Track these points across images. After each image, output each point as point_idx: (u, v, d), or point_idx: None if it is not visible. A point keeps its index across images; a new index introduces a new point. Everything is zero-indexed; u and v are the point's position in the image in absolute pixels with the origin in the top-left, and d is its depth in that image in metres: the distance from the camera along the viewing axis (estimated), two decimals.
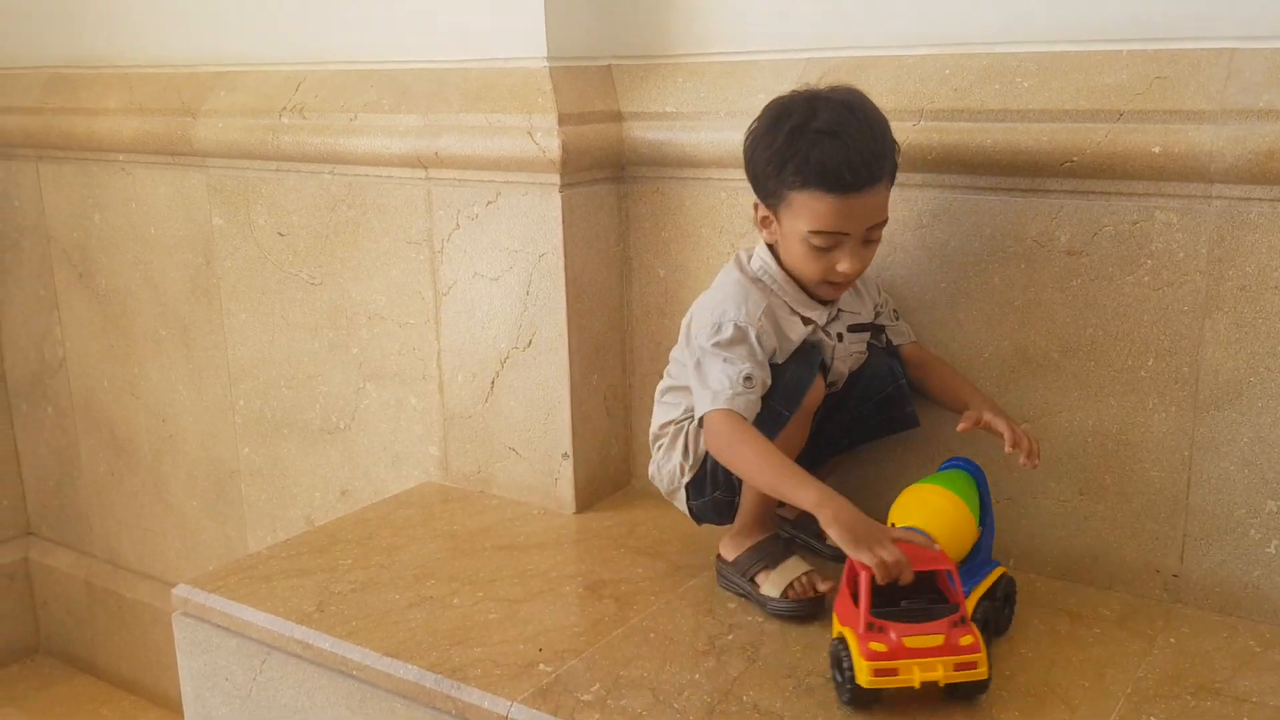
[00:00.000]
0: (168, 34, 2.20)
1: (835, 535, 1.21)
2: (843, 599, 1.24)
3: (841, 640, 1.21)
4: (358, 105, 1.89)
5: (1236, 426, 1.36)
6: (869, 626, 1.17)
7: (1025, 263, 1.46)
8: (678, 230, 1.74)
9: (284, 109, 1.97)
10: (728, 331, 1.37)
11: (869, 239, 1.37)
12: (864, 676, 1.15)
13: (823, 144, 1.30)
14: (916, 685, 1.15)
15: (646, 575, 1.56)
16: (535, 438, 1.79)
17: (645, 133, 1.72)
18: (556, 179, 1.66)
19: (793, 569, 1.43)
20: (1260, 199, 1.30)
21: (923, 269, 1.54)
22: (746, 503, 1.46)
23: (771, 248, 1.44)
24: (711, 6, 1.70)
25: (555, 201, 1.67)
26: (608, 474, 1.84)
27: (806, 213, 1.33)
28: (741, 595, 1.46)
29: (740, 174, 1.63)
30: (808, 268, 1.38)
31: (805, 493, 1.26)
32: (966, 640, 1.16)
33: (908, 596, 1.20)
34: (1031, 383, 1.49)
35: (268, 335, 2.11)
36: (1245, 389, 1.35)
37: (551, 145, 1.64)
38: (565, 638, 1.39)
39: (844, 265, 1.36)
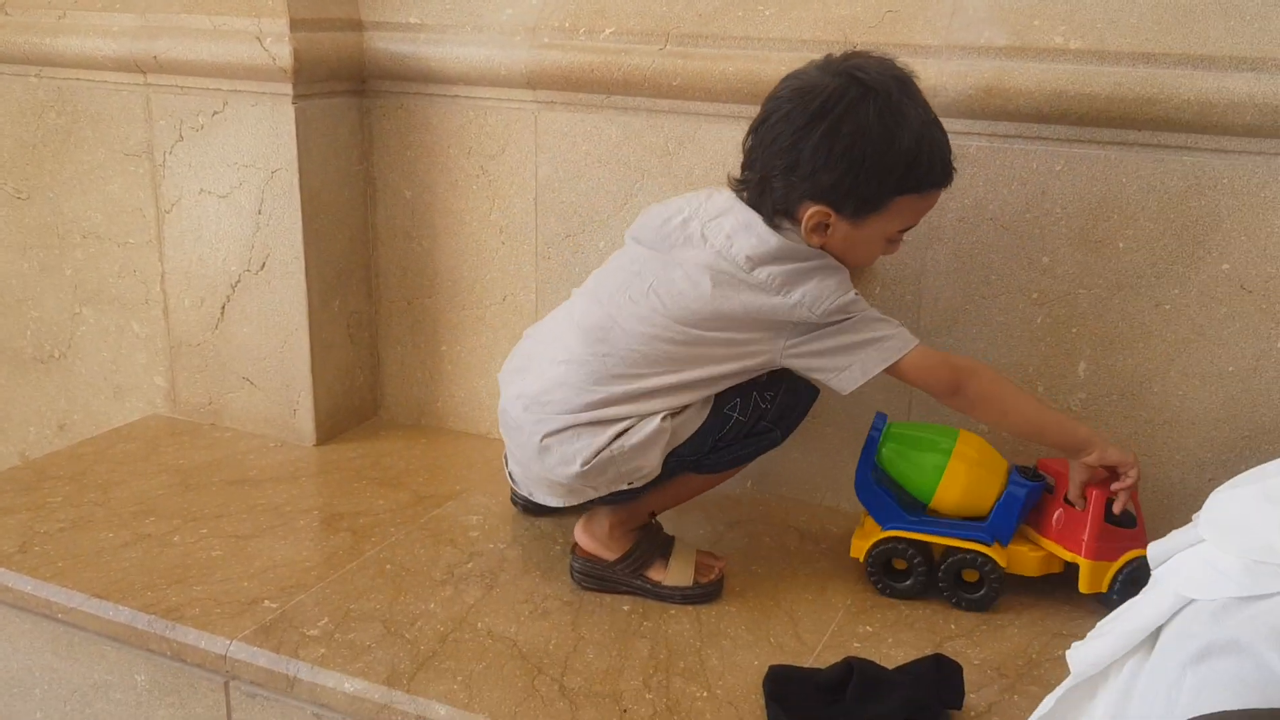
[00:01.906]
0: None
1: (1118, 455, 1.24)
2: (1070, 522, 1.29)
3: None
4: (67, 1, 1.70)
5: (954, 352, 1.44)
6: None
7: None
8: (424, 149, 1.67)
9: None
10: (857, 297, 1.23)
11: None
12: None
13: (938, 140, 1.20)
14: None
15: (388, 507, 1.51)
16: (271, 366, 1.69)
17: (388, 44, 1.63)
18: (289, 89, 1.56)
19: (688, 552, 1.32)
20: (979, 134, 1.36)
21: (669, 195, 1.53)
22: (668, 500, 1.34)
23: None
24: None
25: (288, 113, 1.57)
26: (352, 405, 1.77)
27: (908, 213, 1.23)
28: (632, 593, 1.30)
29: (490, 91, 1.59)
30: (867, 261, 1.30)
31: (1077, 427, 1.26)
32: None
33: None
34: None
35: None
36: (961, 316, 1.43)
37: (282, 52, 1.53)
38: (295, 573, 1.33)
39: (895, 250, 1.29)
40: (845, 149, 1.17)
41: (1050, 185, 1.34)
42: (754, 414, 1.28)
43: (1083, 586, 1.25)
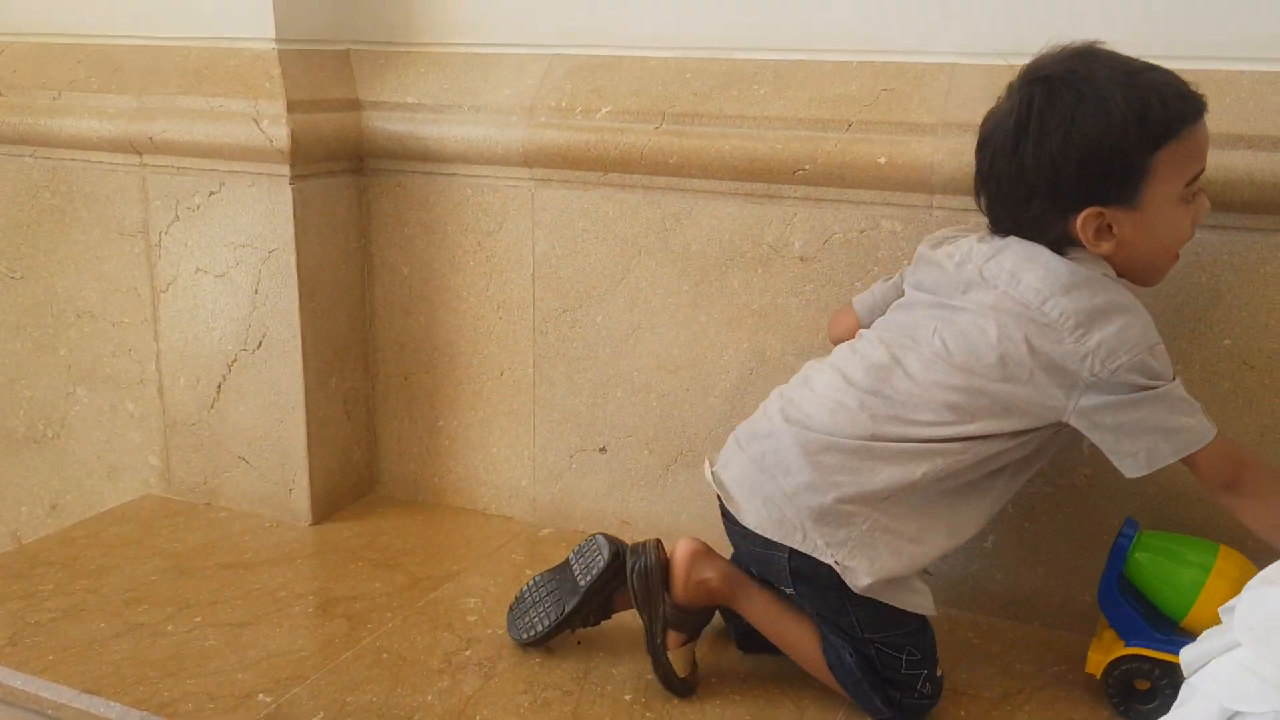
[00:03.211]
0: None
1: None
2: None
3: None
4: (62, 82, 1.71)
5: None
6: None
7: (762, 267, 1.48)
8: (422, 227, 1.67)
9: None
10: (1161, 354, 1.11)
11: None
12: None
13: (1155, 80, 1.09)
14: None
15: (384, 590, 1.48)
16: (267, 445, 1.68)
17: (386, 124, 1.64)
18: (286, 170, 1.56)
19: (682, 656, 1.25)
20: (975, 210, 1.36)
21: (666, 271, 1.53)
22: (767, 628, 1.25)
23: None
24: None
25: (285, 194, 1.57)
26: (349, 481, 1.75)
27: (1179, 162, 1.10)
28: (644, 627, 1.25)
29: (488, 170, 1.59)
30: (1177, 238, 1.15)
31: None
32: None
33: None
34: (768, 383, 1.50)
35: None
36: None
37: (279, 134, 1.53)
38: (290, 663, 1.30)
39: (1204, 208, 1.14)
40: (1063, 143, 1.09)
41: None
42: (907, 677, 1.17)
43: None
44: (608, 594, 1.30)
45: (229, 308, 1.65)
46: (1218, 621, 1.16)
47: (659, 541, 1.28)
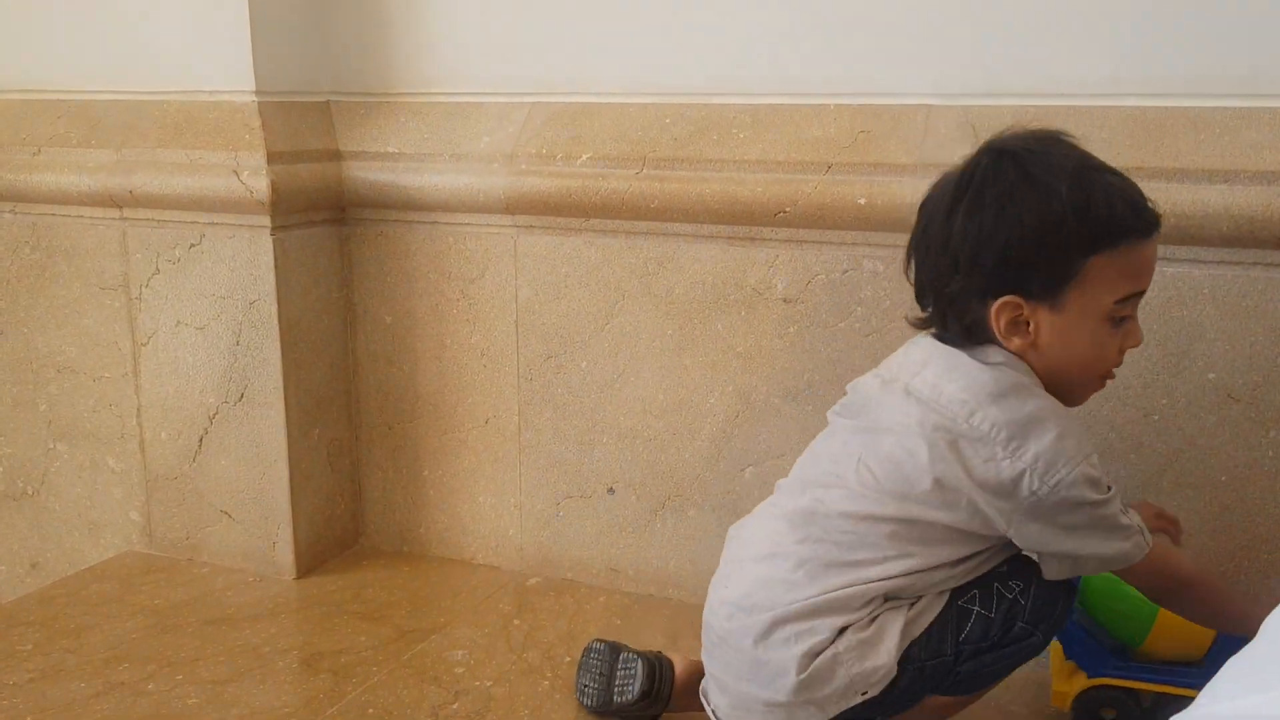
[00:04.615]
0: None
1: None
2: None
3: None
4: (42, 138, 1.71)
5: None
6: None
7: (746, 309, 1.48)
8: (404, 275, 1.66)
9: None
10: (1096, 463, 1.03)
11: None
12: None
13: (1109, 183, 1.01)
14: None
15: (370, 644, 1.46)
16: (250, 499, 1.66)
17: (367, 173, 1.64)
18: (267, 221, 1.55)
19: None
20: None
21: (650, 316, 1.53)
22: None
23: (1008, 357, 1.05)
24: (435, 45, 1.64)
25: (266, 245, 1.56)
26: (333, 534, 1.73)
27: (1113, 275, 1.00)
28: None
29: (469, 217, 1.59)
30: (1099, 358, 1.05)
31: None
32: None
33: None
34: (754, 427, 1.50)
35: None
36: None
37: (260, 185, 1.53)
38: None
39: (1135, 338, 1.06)
40: (994, 219, 1.00)
41: None
42: (1002, 610, 1.05)
43: None
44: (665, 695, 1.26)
45: (210, 360, 1.64)
46: (1176, 646, 1.16)
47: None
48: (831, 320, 1.44)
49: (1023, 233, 0.99)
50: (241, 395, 1.63)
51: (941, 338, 1.08)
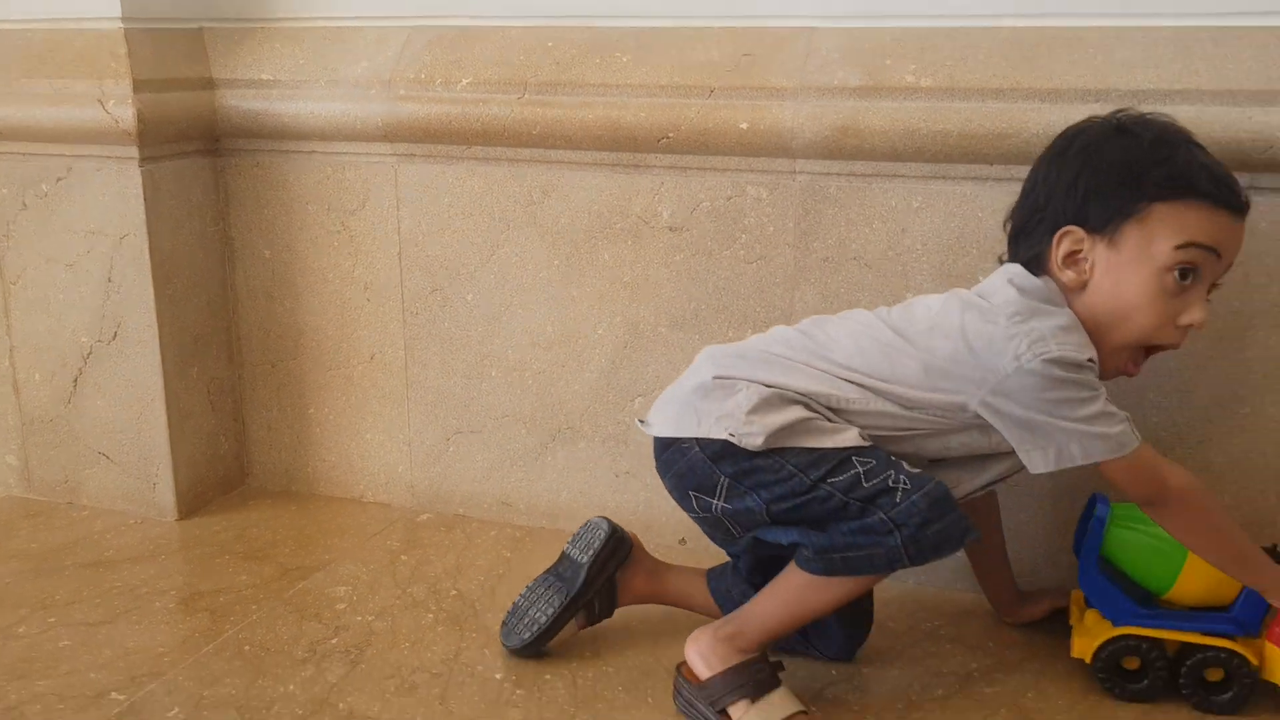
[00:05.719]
0: None
1: None
2: None
3: None
4: None
5: None
6: None
7: (632, 239, 1.46)
8: (282, 207, 1.61)
9: None
10: (1093, 368, 1.04)
11: (1212, 288, 1.08)
12: None
13: (1204, 156, 1.05)
14: None
15: (251, 582, 1.43)
16: (128, 440, 1.61)
17: (241, 102, 1.58)
18: (135, 152, 1.49)
19: (781, 707, 1.08)
20: (837, 174, 1.36)
21: (536, 247, 1.50)
22: (779, 611, 1.11)
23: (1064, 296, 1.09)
24: None
25: (135, 177, 1.50)
26: (217, 474, 1.69)
27: (1175, 224, 1.02)
28: None
29: (348, 146, 1.55)
30: (1150, 315, 1.04)
31: (1265, 570, 1.10)
32: None
33: None
34: (642, 356, 1.49)
35: None
36: None
37: (125, 114, 1.47)
38: (147, 660, 1.25)
39: (1196, 313, 1.04)
40: (1079, 157, 1.06)
41: (910, 222, 1.34)
42: (876, 487, 1.04)
43: None
44: (611, 572, 1.25)
45: (82, 298, 1.58)
46: (1202, 592, 1.13)
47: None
48: (716, 248, 1.43)
49: (1097, 165, 1.05)
50: (115, 334, 1.57)
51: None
